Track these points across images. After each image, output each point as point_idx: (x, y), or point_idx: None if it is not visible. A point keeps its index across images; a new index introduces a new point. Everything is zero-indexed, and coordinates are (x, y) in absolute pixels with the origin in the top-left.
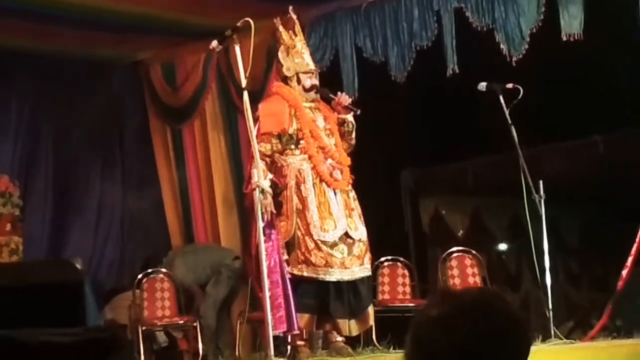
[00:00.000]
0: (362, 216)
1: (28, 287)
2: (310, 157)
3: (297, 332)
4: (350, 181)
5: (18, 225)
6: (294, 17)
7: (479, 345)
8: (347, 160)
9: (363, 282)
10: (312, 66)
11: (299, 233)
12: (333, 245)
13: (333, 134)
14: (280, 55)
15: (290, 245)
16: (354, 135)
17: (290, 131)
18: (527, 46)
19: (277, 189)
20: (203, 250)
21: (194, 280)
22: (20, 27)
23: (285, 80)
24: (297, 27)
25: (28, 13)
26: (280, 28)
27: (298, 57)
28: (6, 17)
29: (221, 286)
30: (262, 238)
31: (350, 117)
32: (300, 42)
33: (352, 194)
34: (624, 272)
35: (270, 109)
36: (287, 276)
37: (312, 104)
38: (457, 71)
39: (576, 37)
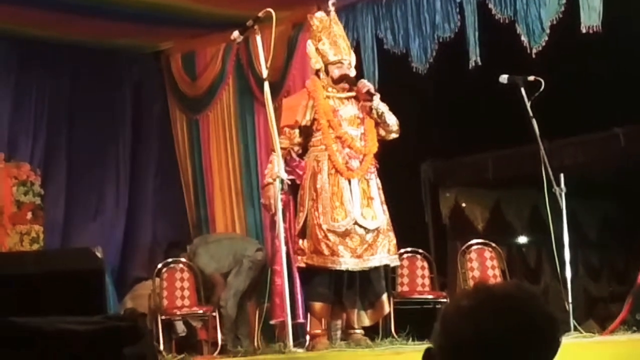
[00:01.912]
0: (384, 204)
1: (49, 276)
2: (326, 147)
3: (301, 321)
4: (372, 170)
5: (39, 213)
6: (333, 10)
7: (505, 339)
8: (372, 149)
9: (377, 271)
10: (342, 56)
11: (311, 223)
12: (345, 234)
13: (363, 122)
14: (308, 49)
15: (305, 235)
16: (389, 120)
17: (304, 122)
18: (546, 38)
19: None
20: (226, 240)
21: (216, 269)
22: (42, 17)
23: (317, 73)
24: (335, 18)
25: (49, 3)
26: (312, 22)
27: (330, 47)
28: (27, 7)
29: (242, 277)
30: (282, 228)
31: (375, 104)
32: (336, 33)
33: (375, 181)
34: None
35: (289, 102)
36: (301, 265)
37: (343, 94)
38: (480, 63)
39: (595, 30)
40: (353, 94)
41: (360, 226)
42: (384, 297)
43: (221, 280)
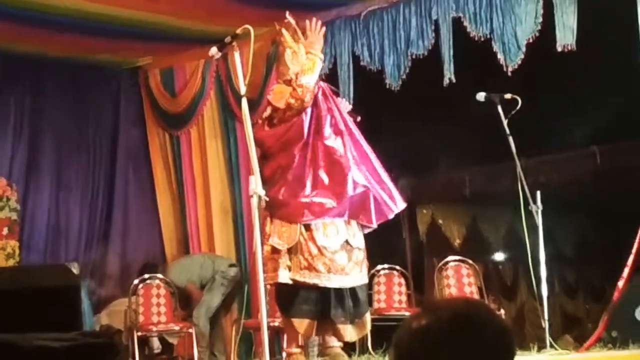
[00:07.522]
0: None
1: (24, 291)
2: None
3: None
4: None
5: (15, 229)
6: (293, 22)
7: (458, 354)
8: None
9: (362, 289)
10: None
11: (302, 239)
12: (335, 252)
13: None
14: (286, 57)
15: (293, 251)
16: None
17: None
18: (522, 56)
19: None
20: (198, 256)
21: (188, 280)
22: (21, 31)
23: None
24: (299, 33)
25: (29, 18)
26: (284, 32)
27: (299, 62)
28: (7, 22)
29: (215, 292)
30: (260, 244)
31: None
32: (302, 48)
33: None
34: (620, 283)
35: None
36: (283, 280)
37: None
38: (454, 81)
39: (570, 48)
40: None
41: (348, 244)
42: (367, 314)
43: (196, 291)
